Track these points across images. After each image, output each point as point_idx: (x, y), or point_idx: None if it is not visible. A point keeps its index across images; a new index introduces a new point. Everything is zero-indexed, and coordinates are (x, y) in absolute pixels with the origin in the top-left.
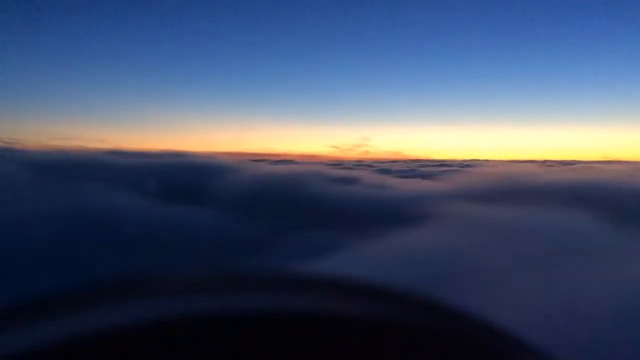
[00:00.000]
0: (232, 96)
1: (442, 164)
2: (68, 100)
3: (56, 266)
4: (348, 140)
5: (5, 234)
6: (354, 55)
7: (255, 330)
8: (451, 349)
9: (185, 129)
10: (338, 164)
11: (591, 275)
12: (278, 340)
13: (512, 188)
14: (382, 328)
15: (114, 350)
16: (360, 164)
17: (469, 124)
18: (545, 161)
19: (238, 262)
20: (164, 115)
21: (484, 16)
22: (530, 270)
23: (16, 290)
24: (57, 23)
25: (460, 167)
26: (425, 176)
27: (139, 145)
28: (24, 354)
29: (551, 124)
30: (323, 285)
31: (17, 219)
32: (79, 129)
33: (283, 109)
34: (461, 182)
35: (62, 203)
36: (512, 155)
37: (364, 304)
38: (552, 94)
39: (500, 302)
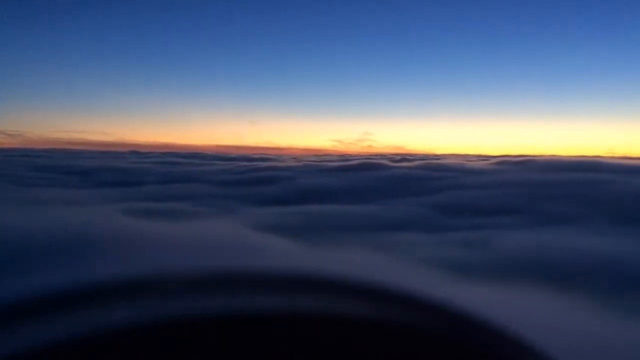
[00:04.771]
0: (234, 90)
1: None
2: (70, 92)
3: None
4: (352, 134)
5: None
6: (357, 48)
7: (255, 330)
8: (451, 349)
9: (187, 122)
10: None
11: None
12: (277, 341)
13: None
14: (382, 328)
15: (113, 350)
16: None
17: (476, 118)
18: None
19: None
20: (167, 108)
21: (491, 7)
22: None
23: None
24: (60, 15)
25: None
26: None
27: (143, 138)
28: (24, 354)
29: (562, 118)
30: (322, 285)
31: None
32: (81, 122)
33: (286, 103)
34: None
35: None
36: (523, 150)
37: (364, 303)
38: (567, 88)
39: None
